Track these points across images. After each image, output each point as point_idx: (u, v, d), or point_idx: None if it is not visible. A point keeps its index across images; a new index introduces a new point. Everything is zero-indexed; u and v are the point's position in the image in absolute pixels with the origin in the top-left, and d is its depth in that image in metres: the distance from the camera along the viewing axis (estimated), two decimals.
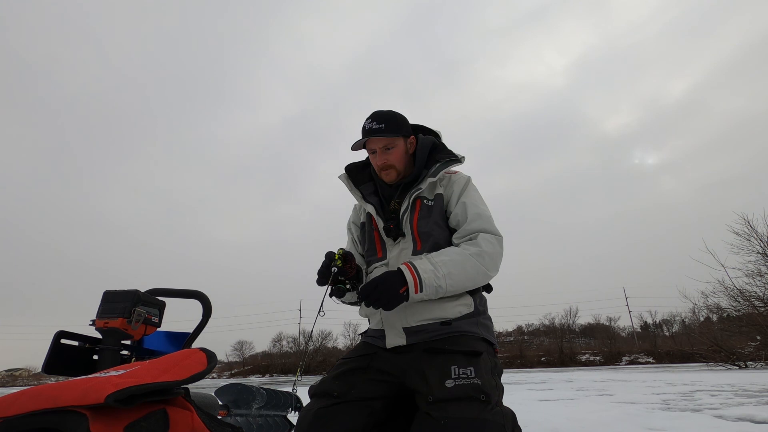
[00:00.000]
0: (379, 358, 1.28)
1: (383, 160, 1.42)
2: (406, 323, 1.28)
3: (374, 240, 1.46)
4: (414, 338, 1.27)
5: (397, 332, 1.29)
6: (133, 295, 1.52)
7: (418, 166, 1.44)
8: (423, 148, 1.47)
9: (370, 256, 1.47)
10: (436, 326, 1.27)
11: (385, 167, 1.43)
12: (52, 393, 0.70)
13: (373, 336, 1.37)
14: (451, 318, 1.28)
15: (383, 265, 1.40)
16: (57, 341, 1.45)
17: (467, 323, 1.29)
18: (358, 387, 1.21)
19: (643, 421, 3.05)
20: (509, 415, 1.10)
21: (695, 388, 5.88)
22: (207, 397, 1.80)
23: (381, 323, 1.33)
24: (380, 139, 1.40)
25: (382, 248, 1.42)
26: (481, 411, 1.03)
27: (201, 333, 1.80)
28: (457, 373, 1.12)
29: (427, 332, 1.27)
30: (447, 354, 1.18)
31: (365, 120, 1.43)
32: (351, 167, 1.57)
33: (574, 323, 40.48)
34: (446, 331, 1.26)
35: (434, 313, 1.28)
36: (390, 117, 1.43)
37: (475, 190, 1.44)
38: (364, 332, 1.46)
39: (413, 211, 1.40)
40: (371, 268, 1.45)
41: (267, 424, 2.23)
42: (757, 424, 2.78)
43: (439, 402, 1.06)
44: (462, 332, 1.26)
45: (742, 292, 14.66)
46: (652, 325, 40.42)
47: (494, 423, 1.02)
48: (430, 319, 1.28)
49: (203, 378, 0.87)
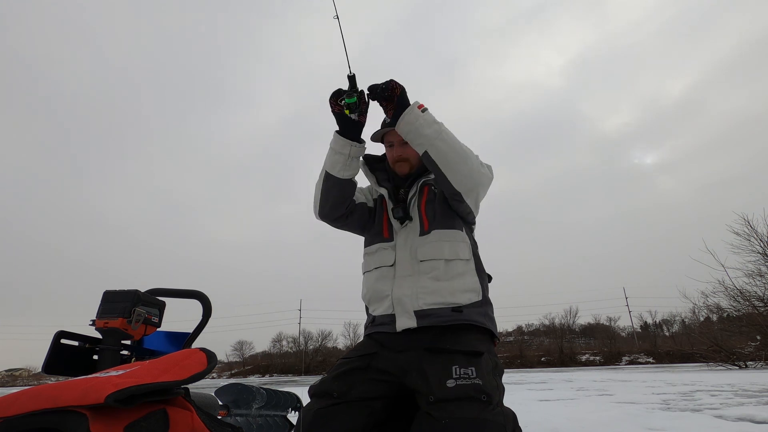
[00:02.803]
0: (380, 358, 1.28)
1: (399, 152, 1.49)
2: (417, 306, 1.28)
3: (382, 221, 1.49)
4: (425, 321, 1.27)
5: (409, 315, 1.29)
6: (133, 295, 1.52)
7: None
8: None
9: (375, 236, 1.49)
10: (448, 312, 1.27)
11: (401, 159, 1.49)
12: (52, 393, 0.70)
13: (381, 323, 1.36)
14: (462, 304, 1.29)
15: (390, 247, 1.42)
16: (57, 341, 1.45)
17: (476, 312, 1.30)
18: (358, 387, 1.21)
19: (643, 421, 3.05)
20: (510, 415, 1.10)
21: (695, 388, 5.88)
22: (207, 397, 1.80)
23: (392, 307, 1.33)
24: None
25: (389, 229, 1.46)
26: (482, 411, 1.03)
27: (201, 333, 1.80)
28: (459, 373, 1.12)
29: (438, 317, 1.27)
30: (448, 354, 1.18)
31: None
32: (368, 157, 1.62)
33: (574, 323, 40.53)
34: (457, 318, 1.27)
35: (445, 297, 1.29)
36: None
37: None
38: (370, 322, 1.42)
39: (421, 195, 1.46)
40: (375, 248, 1.46)
41: (267, 424, 2.23)
42: (757, 424, 2.78)
43: (440, 402, 1.06)
44: (470, 322, 1.27)
45: (742, 292, 14.67)
46: (652, 325, 40.45)
47: (495, 423, 1.02)
48: (441, 304, 1.28)
49: (203, 378, 0.87)
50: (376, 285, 1.40)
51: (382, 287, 1.37)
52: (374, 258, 1.44)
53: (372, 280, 1.43)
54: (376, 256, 1.43)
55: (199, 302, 1.82)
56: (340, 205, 1.46)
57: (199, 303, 1.82)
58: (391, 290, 1.34)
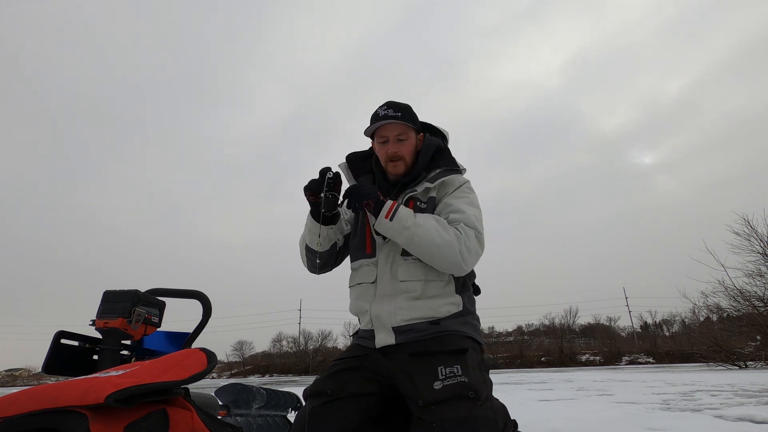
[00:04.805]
0: (371, 359, 1.28)
1: (395, 149, 1.36)
2: (395, 322, 1.27)
3: (365, 234, 1.41)
4: (403, 337, 1.25)
5: (387, 331, 1.27)
6: (133, 295, 1.52)
7: (419, 166, 1.40)
8: (428, 149, 1.42)
9: (358, 250, 1.43)
10: (425, 325, 1.26)
11: (396, 158, 1.37)
12: (52, 393, 0.70)
13: (363, 337, 1.36)
14: (440, 317, 1.27)
15: (372, 263, 1.37)
16: (57, 341, 1.45)
17: (456, 322, 1.28)
18: (351, 385, 1.21)
19: (643, 421, 3.05)
20: (500, 408, 1.10)
21: (695, 388, 5.88)
22: (207, 397, 1.80)
23: (370, 323, 1.32)
24: (395, 126, 1.36)
25: (372, 245, 1.38)
26: (472, 409, 1.03)
27: (201, 333, 1.80)
28: (444, 373, 1.12)
29: (416, 331, 1.25)
30: (432, 355, 1.17)
31: (378, 108, 1.39)
32: (352, 156, 1.52)
33: (574, 323, 40.55)
34: (434, 330, 1.25)
35: (423, 312, 1.27)
36: (405, 107, 1.39)
37: (468, 192, 1.39)
38: (355, 333, 1.44)
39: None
40: (358, 264, 1.41)
41: (267, 424, 2.23)
42: (757, 424, 2.78)
43: (429, 405, 1.06)
44: (450, 331, 1.25)
45: (742, 292, 14.68)
46: (652, 325, 40.47)
47: (486, 419, 1.02)
48: (418, 319, 1.26)
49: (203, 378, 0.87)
50: (357, 301, 1.39)
51: (362, 303, 1.36)
52: (357, 274, 1.41)
53: (354, 295, 1.42)
54: (360, 272, 1.40)
55: (199, 302, 1.82)
56: (329, 265, 1.49)
57: (199, 303, 1.82)
58: (370, 306, 1.32)
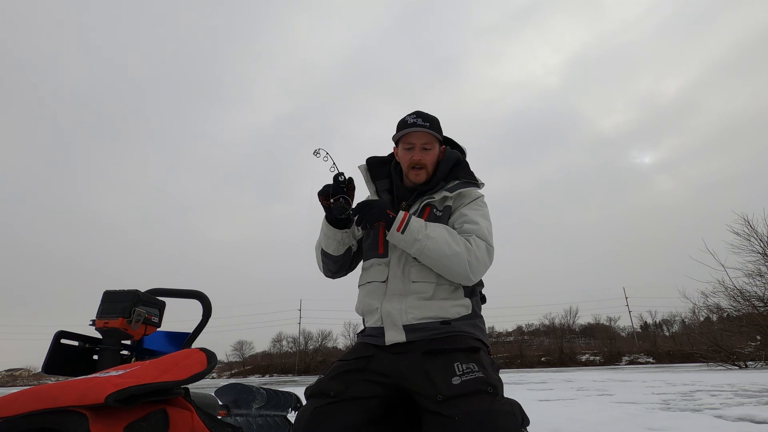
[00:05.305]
0: (377, 360, 1.28)
1: (419, 157, 1.43)
2: (407, 320, 1.29)
3: (378, 235, 1.45)
4: (413, 336, 1.27)
5: (397, 329, 1.29)
6: (133, 295, 1.52)
7: (438, 176, 1.46)
8: (448, 160, 1.49)
9: (371, 250, 1.46)
10: (436, 325, 1.28)
11: (419, 165, 1.44)
12: (52, 393, 0.70)
13: (371, 335, 1.37)
14: (451, 318, 1.30)
15: (384, 263, 1.40)
16: (57, 341, 1.45)
17: (465, 324, 1.31)
18: (355, 386, 1.21)
19: (643, 421, 3.05)
20: (516, 405, 1.12)
21: (695, 388, 5.89)
22: (207, 397, 1.80)
23: (380, 320, 1.33)
24: (423, 134, 1.43)
25: (385, 246, 1.42)
26: (492, 402, 1.05)
27: (201, 333, 1.80)
28: (462, 369, 1.13)
29: (427, 330, 1.27)
30: (447, 353, 1.19)
31: (407, 115, 1.46)
32: (372, 160, 1.57)
33: (574, 323, 40.56)
34: (446, 330, 1.28)
35: (434, 311, 1.29)
36: (433, 118, 1.47)
37: (483, 206, 1.45)
38: (361, 331, 1.46)
39: (421, 215, 1.41)
40: (370, 264, 1.45)
41: (267, 424, 2.23)
42: (757, 424, 2.79)
43: (449, 399, 1.07)
44: (460, 332, 1.28)
45: (742, 292, 14.69)
46: (652, 325, 40.48)
47: (506, 413, 1.04)
48: (430, 318, 1.29)
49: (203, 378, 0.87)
50: (366, 299, 1.41)
51: (372, 301, 1.38)
52: (369, 273, 1.44)
53: (364, 293, 1.44)
54: (371, 271, 1.43)
55: (199, 302, 1.82)
56: (344, 269, 1.54)
57: (199, 303, 1.82)
58: (380, 304, 1.34)
